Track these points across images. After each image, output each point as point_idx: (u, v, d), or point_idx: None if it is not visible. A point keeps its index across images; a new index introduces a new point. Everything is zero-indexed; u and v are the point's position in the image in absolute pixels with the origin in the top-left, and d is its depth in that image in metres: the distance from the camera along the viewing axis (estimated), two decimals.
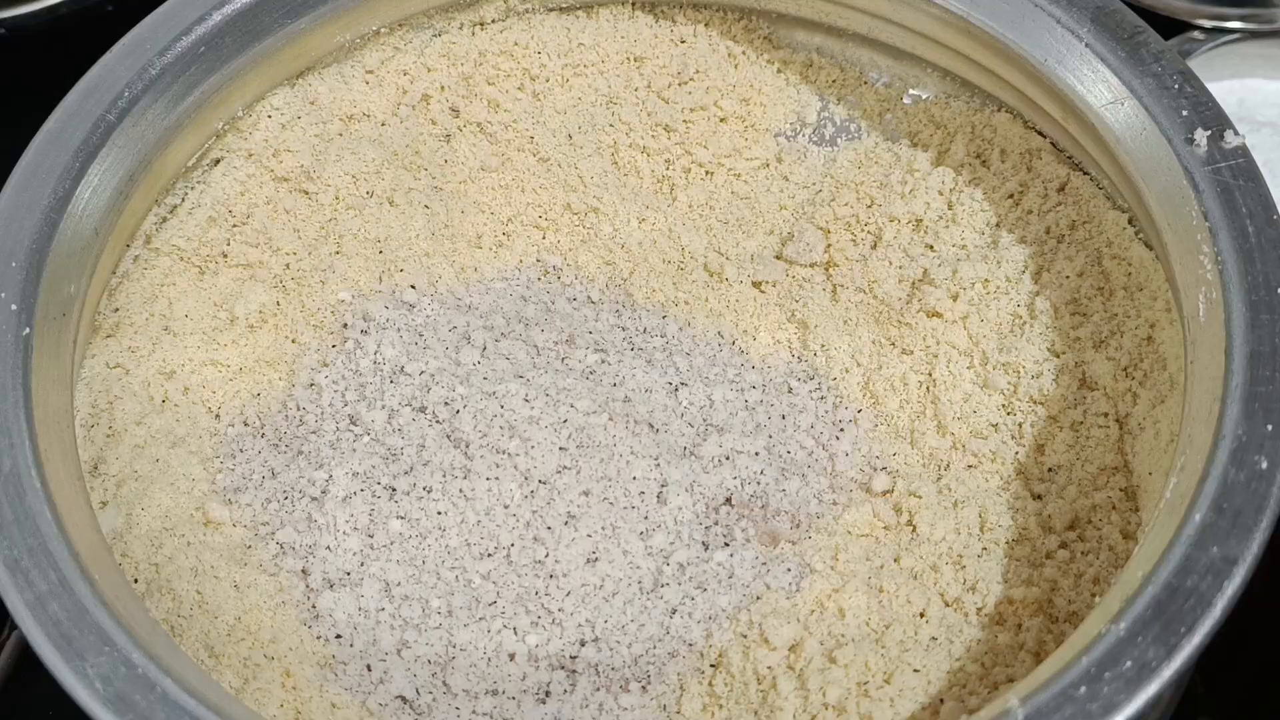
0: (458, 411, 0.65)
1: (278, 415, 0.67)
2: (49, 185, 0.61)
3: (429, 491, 0.63)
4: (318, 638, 0.60)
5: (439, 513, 0.62)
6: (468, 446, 0.64)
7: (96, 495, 0.61)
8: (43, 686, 0.51)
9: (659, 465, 0.64)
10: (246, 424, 0.66)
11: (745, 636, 0.60)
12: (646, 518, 0.63)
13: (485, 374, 0.66)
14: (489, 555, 0.62)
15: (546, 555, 0.62)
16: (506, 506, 0.62)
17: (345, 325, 0.69)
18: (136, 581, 0.59)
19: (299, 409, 0.67)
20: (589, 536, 0.62)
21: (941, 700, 0.55)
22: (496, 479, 0.63)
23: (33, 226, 0.60)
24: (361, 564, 0.62)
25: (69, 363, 0.60)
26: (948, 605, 0.60)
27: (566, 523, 0.62)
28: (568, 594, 0.61)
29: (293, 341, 0.68)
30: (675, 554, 0.62)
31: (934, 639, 0.58)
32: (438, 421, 0.65)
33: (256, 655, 0.57)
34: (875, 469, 0.66)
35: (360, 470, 0.64)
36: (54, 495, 0.54)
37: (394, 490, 0.63)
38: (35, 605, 0.51)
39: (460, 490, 0.63)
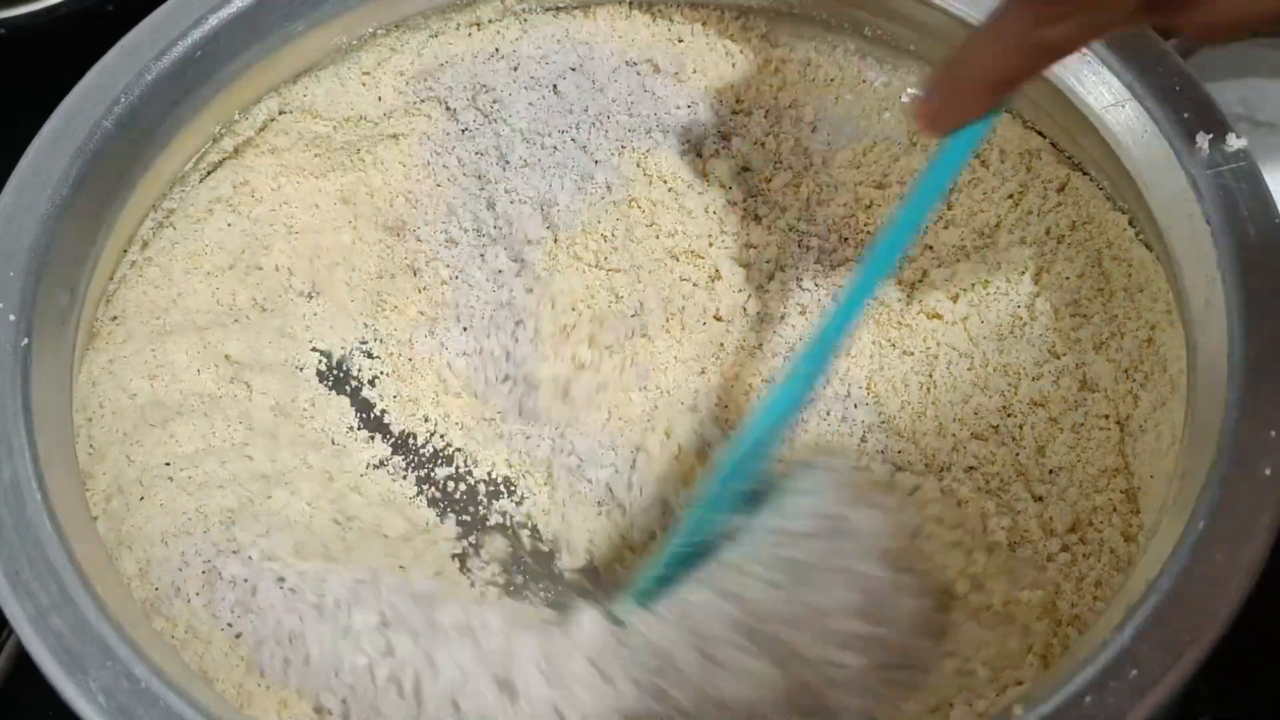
0: None
1: None
2: (46, 191, 0.60)
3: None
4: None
5: None
6: None
7: (91, 506, 0.60)
8: (42, 688, 0.51)
9: None
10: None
11: None
12: None
13: None
14: None
15: None
16: None
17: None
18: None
19: None
20: None
21: (951, 704, 0.55)
22: None
23: (30, 234, 0.59)
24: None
25: (68, 371, 0.60)
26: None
27: None
28: None
29: None
30: None
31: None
32: None
33: (250, 683, 0.57)
34: None
35: None
36: (54, 505, 0.53)
37: None
38: (36, 618, 0.50)
39: None
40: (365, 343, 0.71)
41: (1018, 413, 0.65)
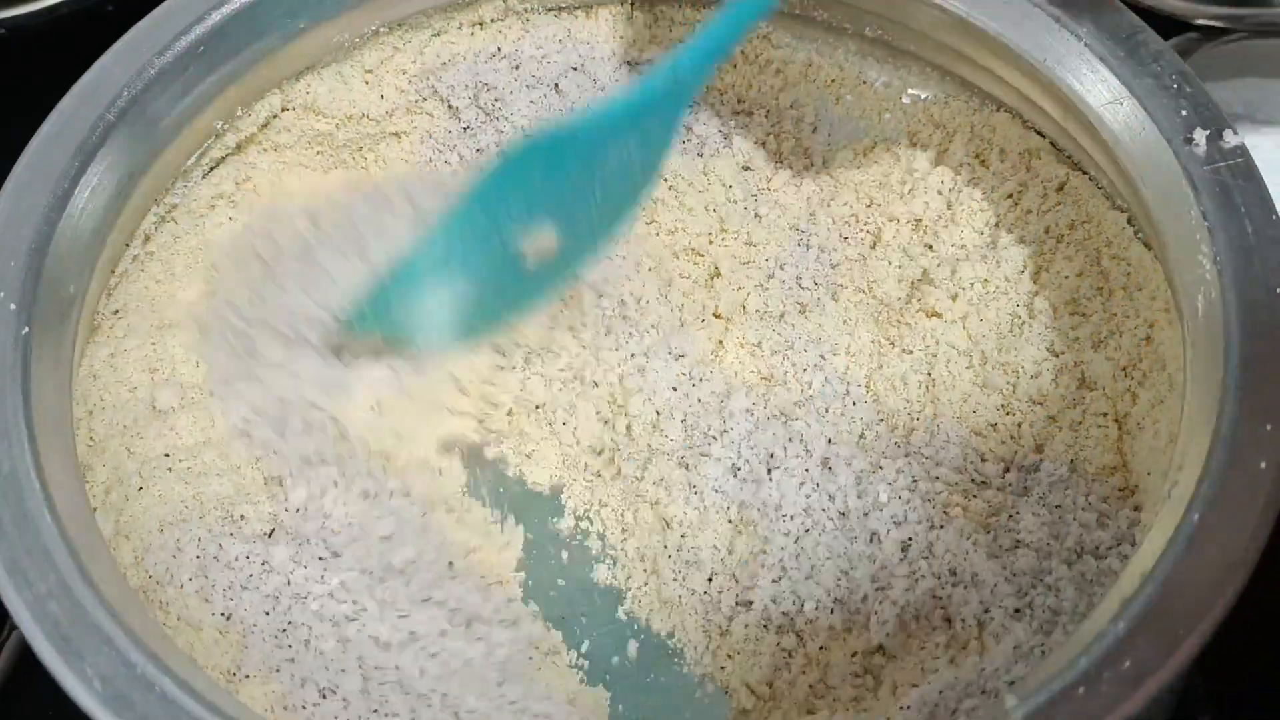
0: None
1: None
2: (48, 186, 0.60)
3: None
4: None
5: None
6: None
7: (91, 498, 0.61)
8: (43, 686, 0.51)
9: None
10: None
11: None
12: None
13: None
14: None
15: None
16: None
17: None
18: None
19: None
20: None
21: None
22: None
23: (32, 227, 0.59)
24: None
25: (68, 363, 0.60)
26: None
27: None
28: None
29: None
30: None
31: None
32: None
33: (238, 670, 0.57)
34: None
35: None
36: (53, 496, 0.54)
37: None
38: (34, 605, 0.50)
39: None
40: None
41: (1016, 411, 0.65)
